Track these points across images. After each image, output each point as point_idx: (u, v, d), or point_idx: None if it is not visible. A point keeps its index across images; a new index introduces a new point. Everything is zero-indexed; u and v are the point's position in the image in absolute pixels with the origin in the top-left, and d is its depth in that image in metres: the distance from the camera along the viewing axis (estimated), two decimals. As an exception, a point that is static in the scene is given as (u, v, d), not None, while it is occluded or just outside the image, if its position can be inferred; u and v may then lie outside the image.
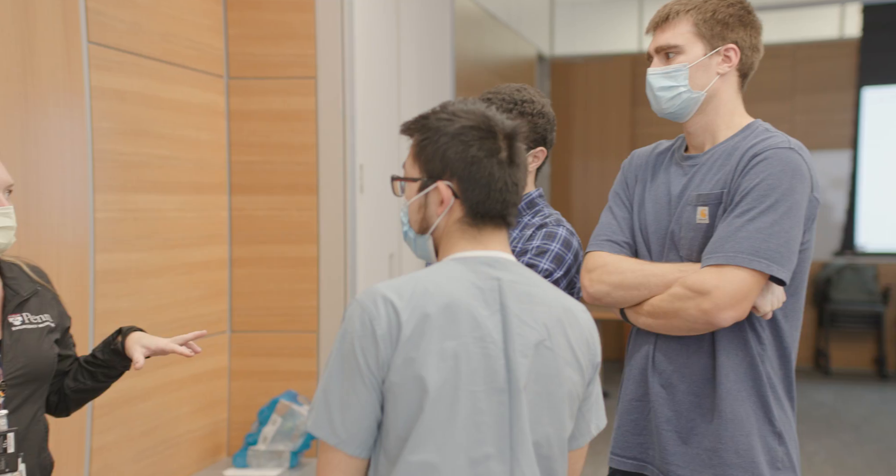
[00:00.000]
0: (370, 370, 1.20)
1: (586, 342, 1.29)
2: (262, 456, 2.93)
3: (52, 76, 2.31)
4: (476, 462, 1.20)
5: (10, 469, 1.52)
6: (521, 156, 1.30)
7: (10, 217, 1.57)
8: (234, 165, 3.17)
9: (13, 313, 1.59)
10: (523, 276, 1.28)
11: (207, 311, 3.04)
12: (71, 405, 1.73)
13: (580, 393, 1.28)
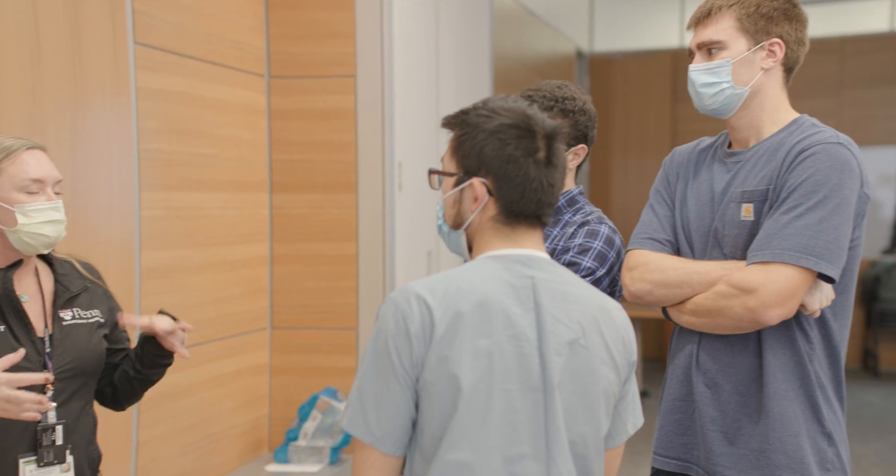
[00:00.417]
0: (404, 369, 1.21)
1: (622, 340, 1.29)
2: (303, 452, 2.98)
3: (100, 76, 2.38)
4: (511, 461, 1.20)
5: (59, 461, 1.57)
6: (560, 157, 1.29)
7: (60, 211, 1.62)
8: (275, 164, 3.22)
9: (63, 308, 1.64)
10: (558, 274, 1.28)
11: (248, 308, 3.09)
12: (122, 397, 1.77)
13: (616, 392, 1.28)
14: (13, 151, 1.59)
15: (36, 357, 1.57)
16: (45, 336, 1.60)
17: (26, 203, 1.57)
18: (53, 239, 1.61)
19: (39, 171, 1.60)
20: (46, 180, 1.61)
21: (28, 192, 1.58)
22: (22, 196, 1.58)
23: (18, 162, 1.58)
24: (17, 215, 1.56)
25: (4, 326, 1.56)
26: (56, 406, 1.58)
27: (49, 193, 1.61)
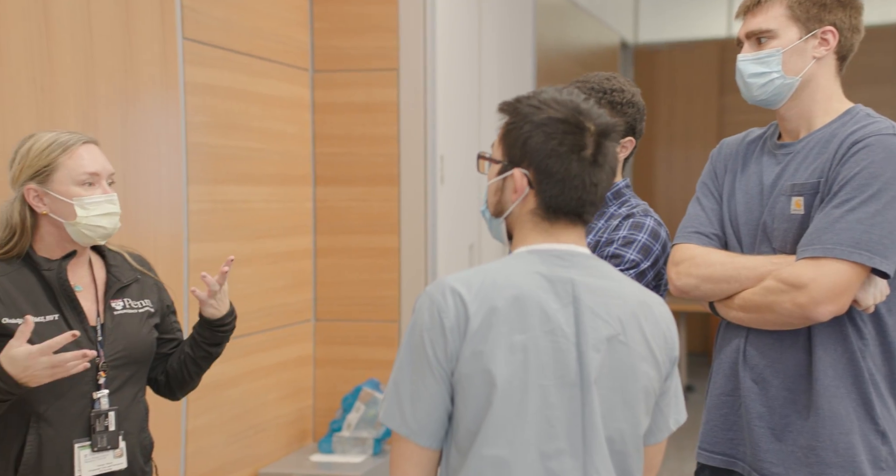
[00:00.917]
0: (439, 362, 1.21)
1: (663, 336, 1.27)
2: (347, 442, 3.03)
3: (150, 72, 2.44)
4: (548, 456, 1.20)
5: (112, 446, 1.62)
6: (609, 156, 1.27)
7: (115, 203, 1.67)
8: (319, 157, 3.27)
9: (115, 298, 1.69)
10: (598, 269, 1.27)
11: (293, 300, 3.15)
12: (175, 386, 1.82)
13: (656, 388, 1.27)
14: (69, 146, 1.64)
15: (88, 345, 1.62)
16: (98, 325, 1.65)
17: (84, 196, 1.62)
18: (110, 230, 1.66)
19: (95, 165, 1.65)
20: (101, 173, 1.66)
21: (85, 186, 1.63)
22: (79, 189, 1.63)
23: (75, 156, 1.63)
24: (76, 208, 1.61)
25: (59, 315, 1.62)
26: (108, 393, 1.63)
27: (104, 186, 1.66)
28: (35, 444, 1.57)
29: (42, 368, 1.50)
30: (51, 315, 1.61)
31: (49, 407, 1.58)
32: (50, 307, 1.61)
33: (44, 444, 1.57)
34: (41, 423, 1.58)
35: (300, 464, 2.98)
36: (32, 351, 1.49)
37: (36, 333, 1.56)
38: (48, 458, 1.58)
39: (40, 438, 1.57)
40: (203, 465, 2.66)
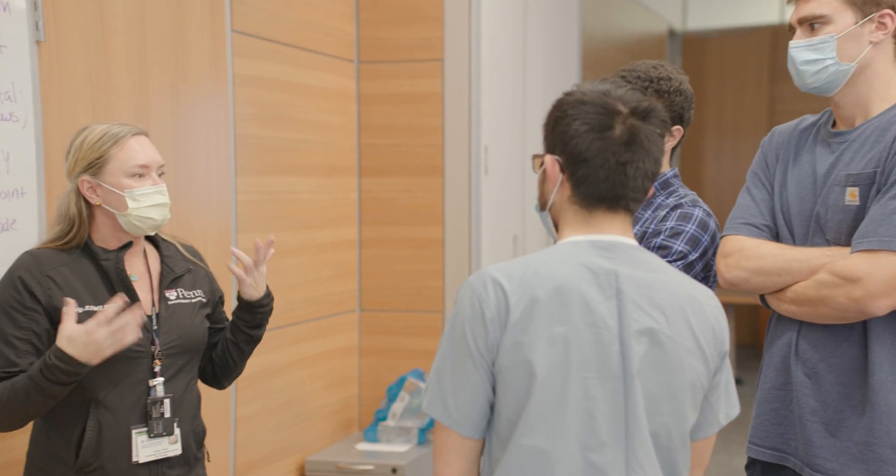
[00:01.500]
0: (480, 353, 1.22)
1: (712, 330, 1.26)
2: (392, 432, 3.07)
3: (200, 64, 2.49)
4: (589, 449, 1.20)
5: (167, 432, 1.67)
6: (643, 138, 1.24)
7: (164, 194, 1.71)
8: (364, 148, 3.31)
9: (168, 288, 1.74)
10: (644, 260, 1.26)
11: (338, 290, 3.20)
12: (220, 373, 1.86)
13: (704, 383, 1.25)
14: (120, 138, 1.68)
15: (144, 334, 1.67)
16: (153, 314, 1.70)
17: (135, 188, 1.67)
18: (160, 221, 1.71)
19: (145, 157, 1.69)
20: (151, 165, 1.70)
21: (135, 178, 1.68)
22: (130, 181, 1.67)
23: (126, 148, 1.68)
24: (127, 200, 1.66)
25: None
26: (164, 380, 1.68)
27: (154, 178, 1.70)
28: (95, 429, 1.62)
29: (103, 339, 1.53)
30: (108, 304, 1.66)
31: (108, 394, 1.64)
32: (107, 296, 1.66)
33: (103, 429, 1.63)
34: (101, 409, 1.63)
35: (346, 452, 3.03)
36: (90, 326, 1.54)
37: (94, 322, 1.61)
38: (107, 442, 1.63)
39: (100, 424, 1.62)
40: (252, 451, 2.73)
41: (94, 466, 1.62)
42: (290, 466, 2.92)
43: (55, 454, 1.64)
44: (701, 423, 1.29)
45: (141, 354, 1.66)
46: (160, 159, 1.73)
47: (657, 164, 1.28)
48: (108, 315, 1.55)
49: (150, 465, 1.66)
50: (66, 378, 1.56)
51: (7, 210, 1.88)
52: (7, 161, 1.88)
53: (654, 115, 1.26)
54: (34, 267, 1.64)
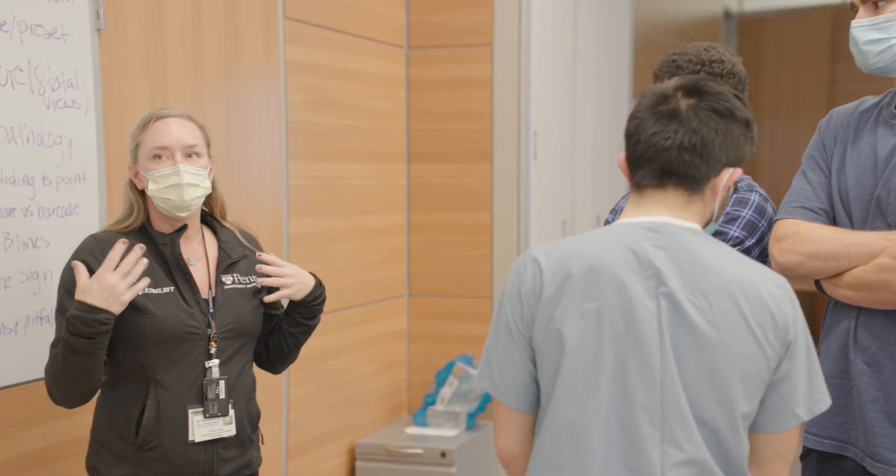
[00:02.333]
0: (518, 328, 1.28)
1: (771, 317, 1.24)
2: (441, 416, 3.12)
3: (252, 51, 2.55)
4: (624, 421, 1.22)
5: (222, 413, 1.72)
6: (683, 110, 1.26)
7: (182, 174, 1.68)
8: (412, 134, 3.34)
9: (225, 273, 1.78)
10: (694, 242, 1.26)
11: (387, 275, 3.25)
12: (275, 359, 1.91)
13: (763, 371, 1.23)
14: (147, 123, 1.72)
15: (201, 317, 1.72)
16: (209, 298, 1.75)
17: (154, 170, 1.70)
18: (179, 202, 1.71)
19: (164, 139, 1.70)
20: (172, 147, 1.70)
21: (155, 159, 1.70)
22: (150, 163, 1.70)
23: (149, 131, 1.71)
24: (149, 182, 1.70)
25: (173, 287, 1.72)
26: (219, 363, 1.73)
27: (176, 158, 1.70)
28: (154, 408, 1.68)
29: (116, 282, 1.58)
30: (167, 287, 1.71)
31: (166, 374, 1.69)
32: (165, 279, 1.71)
33: (161, 408, 1.68)
34: (159, 389, 1.68)
35: (396, 435, 3.08)
36: (99, 273, 1.59)
37: (153, 304, 1.68)
38: (165, 421, 1.68)
39: (158, 403, 1.68)
40: (304, 433, 2.80)
41: (153, 444, 1.68)
42: (341, 449, 2.99)
43: (116, 431, 1.70)
44: (773, 417, 1.27)
45: (197, 336, 1.71)
46: (187, 141, 1.70)
47: (702, 138, 1.27)
48: (113, 259, 1.60)
49: (206, 445, 1.71)
50: (87, 328, 1.58)
51: (70, 195, 1.96)
52: (70, 147, 1.96)
53: (705, 90, 1.28)
54: (96, 249, 1.71)
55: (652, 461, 1.21)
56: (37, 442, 1.89)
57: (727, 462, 1.24)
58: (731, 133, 1.28)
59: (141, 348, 1.68)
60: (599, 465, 1.22)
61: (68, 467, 1.96)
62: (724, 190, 1.31)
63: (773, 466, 1.29)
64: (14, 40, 1.83)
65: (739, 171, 1.31)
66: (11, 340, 1.82)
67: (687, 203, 1.29)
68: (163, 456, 1.68)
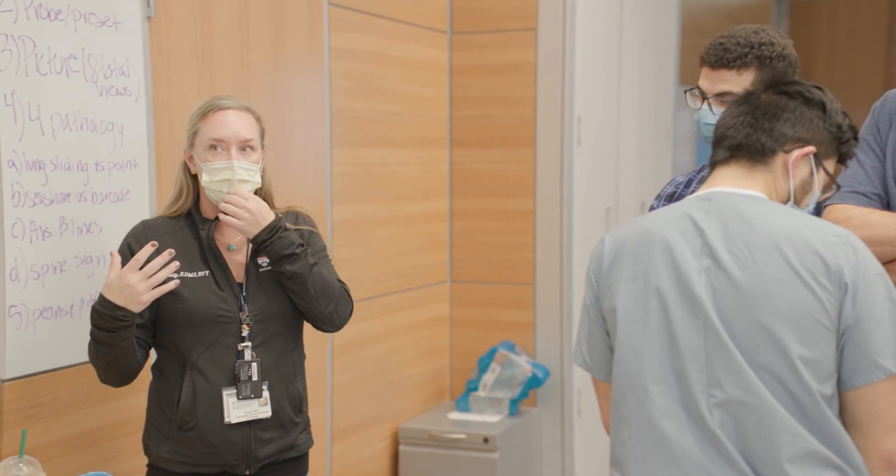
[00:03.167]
0: (592, 303, 1.41)
1: (821, 261, 1.27)
2: (483, 402, 3.16)
3: (298, 38, 2.60)
4: (675, 370, 1.30)
5: (255, 395, 1.75)
6: (762, 95, 1.39)
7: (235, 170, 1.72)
8: (455, 120, 3.36)
9: (261, 256, 1.80)
10: (742, 204, 1.33)
11: (429, 261, 3.28)
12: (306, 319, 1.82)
13: (817, 314, 1.26)
14: (207, 112, 1.76)
15: (233, 301, 1.76)
16: (243, 282, 1.78)
17: (209, 161, 1.74)
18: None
19: (221, 131, 1.74)
20: (228, 140, 1.74)
21: (211, 151, 1.74)
22: (206, 154, 1.74)
23: (208, 122, 1.75)
24: (203, 173, 1.75)
25: (208, 271, 1.77)
26: (252, 345, 1.76)
27: (231, 152, 1.74)
28: (190, 389, 1.73)
29: (136, 283, 1.62)
30: (202, 271, 1.76)
31: (200, 356, 1.74)
32: (201, 264, 1.77)
33: (197, 390, 1.73)
34: (194, 371, 1.74)
35: (438, 421, 3.13)
36: (122, 271, 1.63)
37: (187, 287, 1.73)
38: (201, 402, 1.74)
39: (194, 385, 1.74)
40: (348, 417, 2.86)
41: (191, 424, 1.74)
42: (385, 433, 3.04)
43: (162, 411, 1.77)
44: (854, 368, 1.27)
45: (229, 320, 1.75)
46: (244, 135, 1.74)
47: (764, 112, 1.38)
48: (138, 260, 1.64)
49: (243, 427, 1.75)
50: (104, 323, 1.65)
51: (121, 181, 2.03)
52: (121, 134, 2.03)
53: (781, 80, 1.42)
54: (142, 234, 1.78)
55: (699, 402, 1.28)
56: (91, 422, 1.97)
57: (797, 405, 1.26)
58: (802, 112, 1.38)
59: (176, 331, 1.74)
60: (659, 410, 1.31)
61: (121, 447, 2.03)
62: (795, 167, 1.37)
63: (872, 428, 1.28)
64: (69, 29, 1.90)
65: (812, 148, 1.37)
66: (67, 323, 1.89)
67: (748, 173, 1.38)
68: (200, 436, 1.74)
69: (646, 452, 1.31)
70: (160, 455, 1.77)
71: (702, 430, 1.28)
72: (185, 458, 1.76)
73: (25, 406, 1.82)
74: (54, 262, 1.86)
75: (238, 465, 1.76)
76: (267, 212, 1.75)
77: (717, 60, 1.78)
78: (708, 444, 1.27)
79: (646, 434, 1.31)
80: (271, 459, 1.80)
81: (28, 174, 1.81)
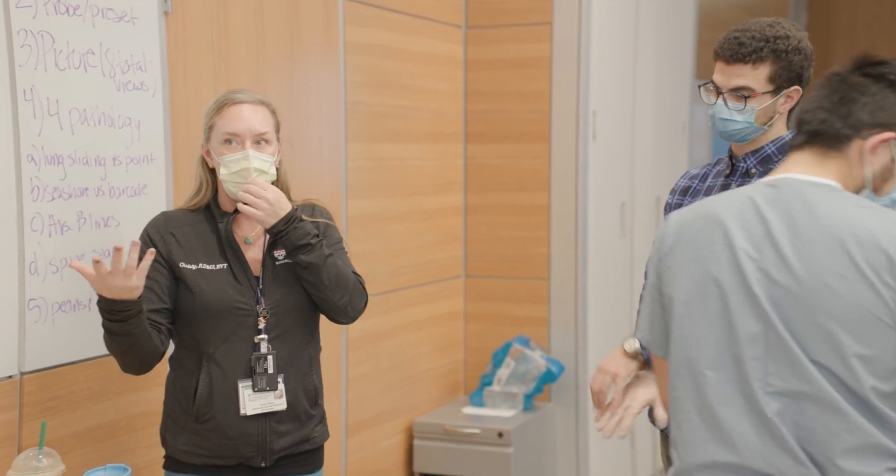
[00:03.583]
0: (654, 283, 1.42)
1: (886, 258, 1.25)
2: (497, 396, 3.17)
3: (313, 33, 2.61)
4: (733, 356, 1.30)
5: (271, 387, 1.77)
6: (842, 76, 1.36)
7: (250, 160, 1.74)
8: (470, 114, 3.37)
9: (277, 249, 1.82)
10: (810, 192, 1.31)
11: (443, 256, 3.30)
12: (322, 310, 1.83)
13: (880, 312, 1.24)
14: (222, 106, 1.78)
15: (250, 293, 1.78)
16: (259, 274, 1.80)
17: (225, 154, 1.76)
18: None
19: (236, 125, 1.76)
20: (243, 134, 1.76)
21: (226, 144, 1.76)
22: (222, 147, 1.77)
23: (224, 115, 1.77)
24: (220, 166, 1.77)
25: (226, 264, 1.79)
26: (268, 338, 1.77)
27: (245, 146, 1.76)
28: (206, 381, 1.75)
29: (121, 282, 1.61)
30: (220, 264, 1.78)
31: (217, 349, 1.76)
32: (219, 257, 1.78)
33: (213, 382, 1.75)
34: (211, 363, 1.75)
35: (453, 415, 3.14)
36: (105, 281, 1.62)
37: (205, 280, 1.75)
38: (217, 394, 1.75)
39: (210, 377, 1.75)
40: (363, 411, 2.88)
41: (208, 416, 1.75)
42: (399, 427, 3.06)
43: (179, 403, 1.79)
44: None
45: (245, 312, 1.77)
46: (258, 128, 1.76)
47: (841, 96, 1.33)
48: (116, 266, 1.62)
49: (259, 419, 1.77)
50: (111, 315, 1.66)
51: (139, 175, 2.05)
52: (139, 129, 2.05)
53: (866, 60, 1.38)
54: (161, 225, 1.80)
55: (756, 390, 1.28)
56: (109, 414, 1.99)
57: (855, 398, 1.26)
58: (884, 96, 1.33)
59: (193, 322, 1.76)
60: (716, 396, 1.30)
61: (139, 439, 2.06)
62: (873, 154, 1.33)
63: None
64: (87, 24, 1.91)
65: (892, 134, 1.32)
66: (85, 316, 1.91)
67: (821, 160, 1.35)
68: (217, 428, 1.76)
69: (702, 436, 1.32)
70: (177, 447, 1.79)
71: (759, 417, 1.28)
72: (202, 450, 1.78)
73: (45, 398, 1.85)
74: (73, 256, 1.89)
75: (254, 457, 1.78)
76: (284, 202, 1.76)
77: (732, 55, 1.78)
78: (765, 432, 1.27)
79: (702, 418, 1.32)
80: (287, 452, 1.81)
81: (47, 169, 1.83)
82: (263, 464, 1.79)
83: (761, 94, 1.78)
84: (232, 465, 1.79)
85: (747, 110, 1.79)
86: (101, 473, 1.69)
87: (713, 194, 1.88)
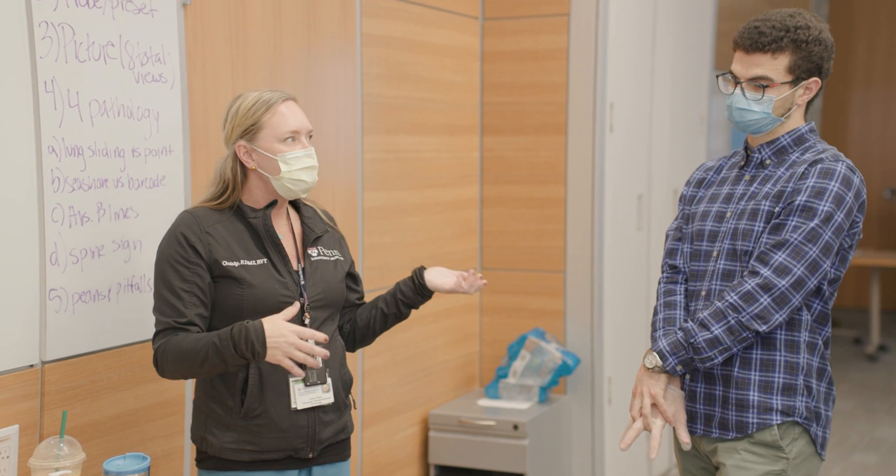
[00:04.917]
0: None
1: None
2: (513, 389, 3.18)
3: (330, 26, 2.62)
4: None
5: (321, 381, 1.80)
6: None
7: (313, 157, 1.82)
8: (486, 106, 3.37)
9: (311, 246, 1.86)
10: None
11: (459, 248, 3.30)
12: (357, 338, 1.98)
13: None
14: (272, 105, 1.79)
15: (294, 287, 1.80)
16: (299, 269, 1.83)
17: (286, 152, 1.78)
18: (310, 183, 1.82)
19: (295, 122, 1.80)
20: (301, 130, 1.80)
21: (287, 142, 1.79)
22: (281, 146, 1.78)
23: (277, 114, 1.79)
24: (280, 164, 1.78)
25: (266, 259, 1.80)
26: None
27: (303, 142, 1.80)
28: (257, 377, 1.76)
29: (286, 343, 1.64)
30: (260, 259, 1.79)
31: None
32: (258, 252, 1.80)
33: (264, 377, 1.76)
34: (261, 359, 1.73)
35: (468, 407, 3.16)
36: (294, 329, 1.65)
37: (250, 274, 1.76)
38: (268, 390, 1.77)
39: (261, 373, 1.76)
40: (379, 403, 2.90)
41: (259, 411, 1.76)
42: (415, 419, 3.08)
43: (221, 401, 1.79)
44: None
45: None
46: (308, 124, 1.83)
47: None
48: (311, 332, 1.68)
49: (308, 412, 1.79)
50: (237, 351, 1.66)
51: (157, 167, 2.07)
52: (157, 120, 2.07)
53: None
54: (195, 224, 1.78)
55: None
56: (128, 403, 2.02)
57: None
58: None
59: (240, 318, 1.75)
60: None
61: (157, 429, 2.08)
62: None
63: None
64: (106, 16, 1.93)
65: None
66: (105, 306, 1.94)
67: None
68: (269, 422, 1.77)
69: None
70: (223, 446, 1.78)
71: None
72: (252, 446, 1.78)
73: (65, 388, 1.88)
74: (92, 246, 1.91)
75: (303, 448, 1.80)
76: None
77: (751, 44, 1.78)
78: None
79: None
80: (330, 441, 1.85)
81: (67, 160, 1.86)
82: (311, 455, 1.81)
83: (780, 84, 1.78)
84: (282, 459, 1.80)
85: (765, 100, 1.78)
86: (121, 462, 1.71)
87: (727, 185, 1.88)
